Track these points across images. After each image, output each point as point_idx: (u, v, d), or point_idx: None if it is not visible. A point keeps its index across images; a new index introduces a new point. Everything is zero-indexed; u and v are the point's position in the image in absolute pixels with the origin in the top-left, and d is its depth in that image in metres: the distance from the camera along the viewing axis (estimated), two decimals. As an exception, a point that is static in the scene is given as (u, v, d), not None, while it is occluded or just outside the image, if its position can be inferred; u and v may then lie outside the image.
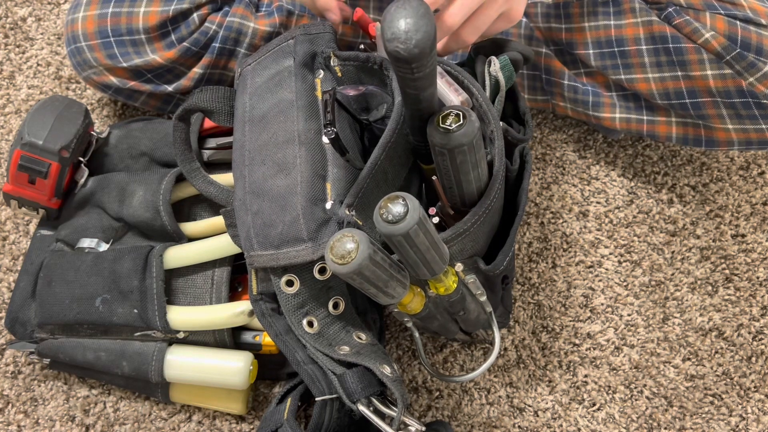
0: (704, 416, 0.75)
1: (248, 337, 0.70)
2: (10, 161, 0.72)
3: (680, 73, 0.71)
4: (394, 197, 0.43)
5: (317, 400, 0.59)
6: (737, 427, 0.75)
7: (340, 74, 0.62)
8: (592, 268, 0.81)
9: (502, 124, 0.59)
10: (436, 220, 0.58)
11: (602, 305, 0.79)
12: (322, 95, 0.61)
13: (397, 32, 0.40)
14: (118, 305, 0.67)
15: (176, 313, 0.67)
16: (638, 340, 0.78)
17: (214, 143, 0.74)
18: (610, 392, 0.76)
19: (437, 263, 0.49)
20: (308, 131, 0.59)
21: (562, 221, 0.83)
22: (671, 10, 0.70)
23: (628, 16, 0.72)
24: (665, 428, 0.74)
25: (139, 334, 0.68)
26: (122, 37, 0.75)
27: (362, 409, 0.55)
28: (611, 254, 0.81)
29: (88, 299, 0.68)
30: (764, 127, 0.71)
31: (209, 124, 0.74)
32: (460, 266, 0.55)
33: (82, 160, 0.75)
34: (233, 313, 0.66)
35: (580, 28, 0.74)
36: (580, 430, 0.74)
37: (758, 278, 0.80)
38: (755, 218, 0.83)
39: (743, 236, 0.82)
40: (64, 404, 0.74)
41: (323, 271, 0.58)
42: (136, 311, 0.67)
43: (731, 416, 0.75)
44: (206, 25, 0.76)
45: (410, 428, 0.55)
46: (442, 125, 0.48)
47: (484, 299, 0.60)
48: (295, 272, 0.58)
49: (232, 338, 0.69)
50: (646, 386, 0.76)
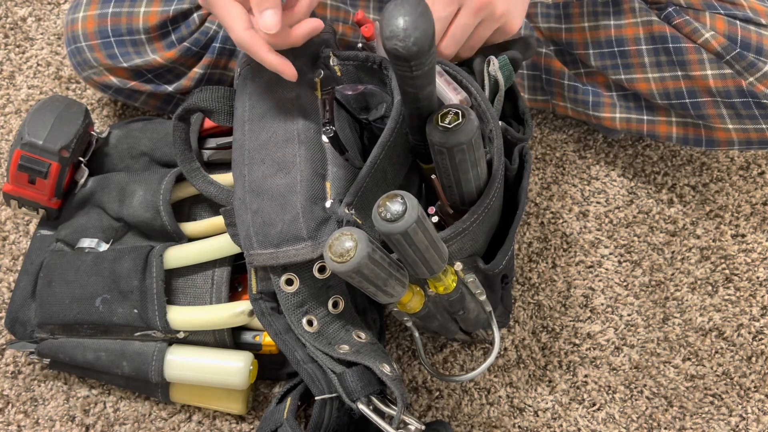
0: (704, 416, 0.75)
1: (248, 337, 0.70)
2: (10, 161, 0.72)
3: (680, 73, 0.71)
4: (392, 196, 0.43)
5: (317, 399, 0.59)
6: (737, 427, 0.74)
7: (339, 73, 0.62)
8: (592, 268, 0.81)
9: (501, 123, 0.59)
10: (435, 219, 0.58)
11: (602, 305, 0.79)
12: (321, 94, 0.61)
13: (395, 30, 0.40)
14: (118, 305, 0.67)
15: (176, 313, 0.67)
16: (638, 340, 0.78)
17: (214, 143, 0.74)
18: (610, 392, 0.76)
19: (436, 262, 0.49)
20: (308, 130, 0.59)
21: (562, 221, 0.83)
22: (671, 10, 0.70)
23: (628, 16, 0.72)
24: (665, 428, 0.74)
25: (139, 334, 0.68)
26: (122, 37, 0.75)
27: (362, 408, 0.55)
28: (611, 254, 0.81)
29: (88, 299, 0.68)
30: (764, 126, 0.71)
31: (209, 124, 0.74)
32: (459, 265, 0.55)
33: (82, 160, 0.75)
34: (233, 313, 0.66)
35: (580, 28, 0.74)
36: (580, 430, 0.74)
37: (758, 278, 0.80)
38: (755, 218, 0.83)
39: (743, 236, 0.82)
40: (64, 404, 0.74)
41: (323, 269, 0.58)
42: (136, 311, 0.67)
43: (731, 416, 0.75)
44: (206, 25, 0.76)
45: (410, 427, 0.55)
46: (441, 124, 0.48)
47: (483, 298, 0.60)
48: (294, 271, 0.58)
49: (232, 338, 0.69)
50: (646, 386, 0.76)
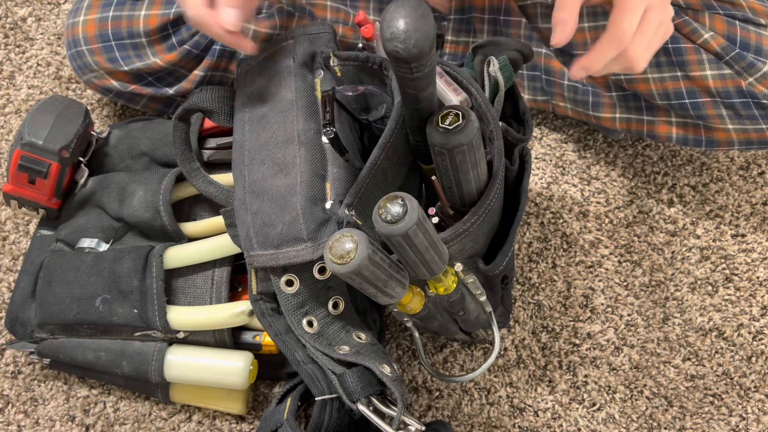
0: (704, 416, 0.75)
1: (248, 337, 0.70)
2: (10, 161, 0.72)
3: (680, 73, 0.71)
4: (393, 197, 0.43)
5: (317, 399, 0.59)
6: (737, 427, 0.74)
7: (339, 74, 0.62)
8: (592, 268, 0.81)
9: (501, 124, 0.59)
10: (435, 220, 0.58)
11: (602, 305, 0.79)
12: (321, 95, 0.61)
13: (396, 32, 0.40)
14: (118, 305, 0.67)
15: (176, 313, 0.67)
16: (638, 340, 0.78)
17: (214, 143, 0.74)
18: (610, 392, 0.76)
19: (436, 263, 0.49)
20: (308, 131, 0.59)
21: (562, 221, 0.83)
22: None
23: None
24: (665, 428, 0.74)
25: (139, 334, 0.68)
26: (123, 40, 0.75)
27: (362, 408, 0.55)
28: (611, 254, 0.81)
29: (88, 299, 0.68)
30: (764, 127, 0.71)
31: (209, 124, 0.74)
32: (459, 266, 0.55)
33: (82, 160, 0.75)
34: (233, 313, 0.66)
35: (579, 28, 0.74)
36: (580, 430, 0.74)
37: (758, 278, 0.80)
38: (755, 218, 0.83)
39: (743, 236, 0.82)
40: (64, 404, 0.74)
41: (323, 270, 0.58)
42: (136, 311, 0.67)
43: (731, 416, 0.75)
44: None
45: (410, 428, 0.55)
46: (441, 125, 0.48)
47: (483, 299, 0.60)
48: (294, 272, 0.58)
49: (232, 338, 0.69)
50: (646, 386, 0.76)
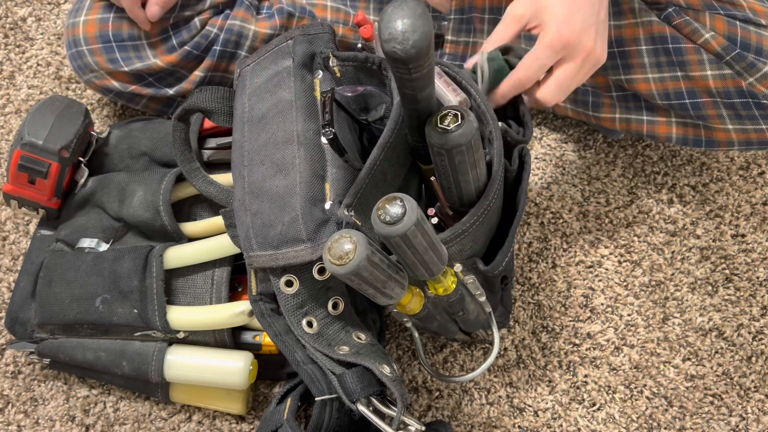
0: (704, 416, 0.75)
1: (248, 337, 0.70)
2: (10, 161, 0.72)
3: (680, 73, 0.71)
4: (392, 198, 0.43)
5: (317, 400, 0.59)
6: (737, 427, 0.74)
7: (338, 74, 0.62)
8: (592, 268, 0.81)
9: (501, 124, 0.59)
10: (435, 220, 0.58)
11: (602, 305, 0.79)
12: (320, 95, 0.61)
13: (394, 33, 0.40)
14: (118, 305, 0.67)
15: (176, 313, 0.67)
16: (638, 340, 0.78)
17: (213, 143, 0.74)
18: (610, 392, 0.76)
19: (435, 264, 0.49)
20: (307, 131, 0.59)
21: (562, 221, 0.83)
22: (671, 10, 0.70)
23: (627, 16, 0.72)
24: (665, 428, 0.74)
25: (139, 334, 0.68)
26: (124, 41, 0.75)
27: (362, 408, 0.55)
28: (611, 254, 0.81)
29: (88, 299, 0.68)
30: (764, 127, 0.71)
31: (209, 124, 0.74)
32: (459, 267, 0.55)
33: (82, 160, 0.75)
34: (233, 313, 0.66)
35: None
36: (580, 430, 0.74)
37: (758, 278, 0.80)
38: (755, 218, 0.83)
39: (743, 236, 0.82)
40: (64, 404, 0.74)
41: (322, 271, 0.58)
42: (136, 311, 0.67)
43: (731, 416, 0.75)
44: (207, 28, 0.76)
45: (410, 428, 0.55)
46: (440, 125, 0.48)
47: (483, 299, 0.60)
48: (294, 272, 0.58)
49: (232, 338, 0.69)
50: (646, 386, 0.76)
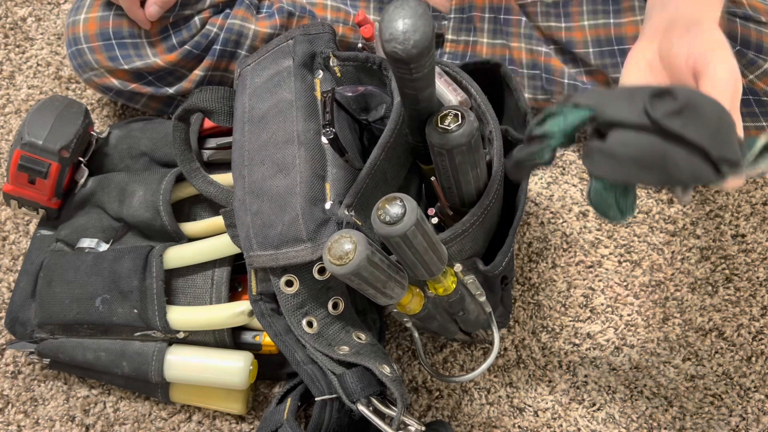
0: (704, 416, 0.75)
1: (248, 337, 0.70)
2: (10, 161, 0.72)
3: None
4: (392, 198, 0.43)
5: (317, 400, 0.59)
6: (737, 427, 0.74)
7: (339, 74, 0.62)
8: (592, 268, 0.81)
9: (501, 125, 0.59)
10: (435, 220, 0.58)
11: (602, 305, 0.79)
12: (321, 95, 0.61)
13: (395, 33, 0.40)
14: (118, 305, 0.67)
15: (176, 313, 0.67)
16: (638, 340, 0.78)
17: (213, 143, 0.74)
18: (610, 392, 0.76)
19: (435, 264, 0.49)
20: (307, 131, 0.59)
21: (562, 221, 0.83)
22: None
23: (627, 14, 0.72)
24: (665, 428, 0.74)
25: (139, 334, 0.68)
26: (124, 39, 0.75)
27: (362, 409, 0.55)
28: (611, 254, 0.81)
29: (88, 299, 0.68)
30: (765, 124, 0.70)
31: (209, 124, 0.74)
32: (459, 267, 0.55)
33: (82, 160, 0.75)
34: (233, 313, 0.66)
35: (579, 26, 0.74)
36: (580, 430, 0.74)
37: (758, 278, 0.80)
38: (755, 218, 0.83)
39: (743, 236, 0.82)
40: (64, 404, 0.74)
41: (323, 271, 0.58)
42: (136, 311, 0.67)
43: (731, 416, 0.75)
44: (207, 27, 0.76)
45: (410, 428, 0.55)
46: (440, 125, 0.48)
47: (483, 299, 0.60)
48: (294, 272, 0.58)
49: (232, 338, 0.69)
50: (646, 386, 0.76)
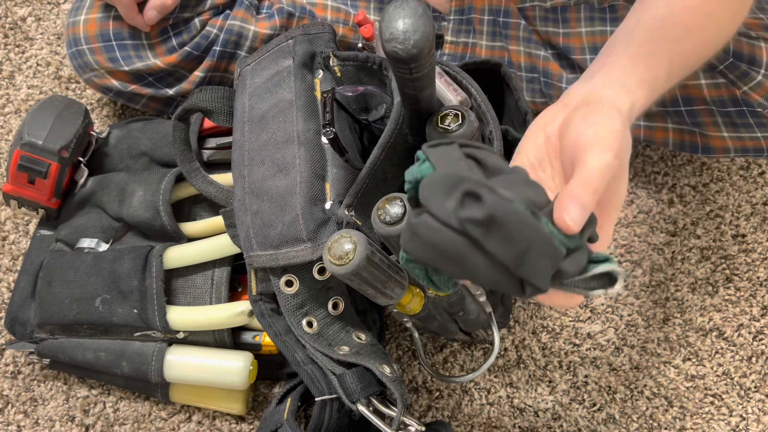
0: (704, 416, 0.75)
1: (248, 337, 0.70)
2: (9, 161, 0.72)
3: None
4: (392, 198, 0.43)
5: (317, 400, 0.59)
6: (737, 427, 0.74)
7: (339, 74, 0.62)
8: (592, 268, 0.81)
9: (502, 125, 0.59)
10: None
11: (602, 305, 0.79)
12: (321, 95, 0.61)
13: (395, 32, 0.40)
14: (117, 305, 0.67)
15: (176, 313, 0.67)
16: (638, 340, 0.78)
17: (213, 143, 0.74)
18: (610, 392, 0.76)
19: (436, 264, 0.49)
20: (307, 131, 0.59)
21: (562, 221, 0.83)
22: None
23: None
24: (665, 428, 0.74)
25: (138, 334, 0.68)
26: (124, 41, 0.75)
27: (362, 409, 0.55)
28: (611, 254, 0.81)
29: (87, 299, 0.68)
30: (759, 135, 0.70)
31: (209, 124, 0.74)
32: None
33: (81, 160, 0.75)
34: (233, 313, 0.66)
35: (576, 33, 0.74)
36: (580, 430, 0.74)
37: (758, 278, 0.80)
38: (755, 218, 0.83)
39: (743, 236, 0.82)
40: (63, 404, 0.74)
41: (323, 271, 0.58)
42: (135, 311, 0.67)
43: (731, 416, 0.75)
44: (207, 29, 0.76)
45: (410, 428, 0.55)
46: (440, 125, 0.48)
47: (483, 299, 0.60)
48: (294, 272, 0.58)
49: (232, 338, 0.69)
50: (646, 386, 0.76)
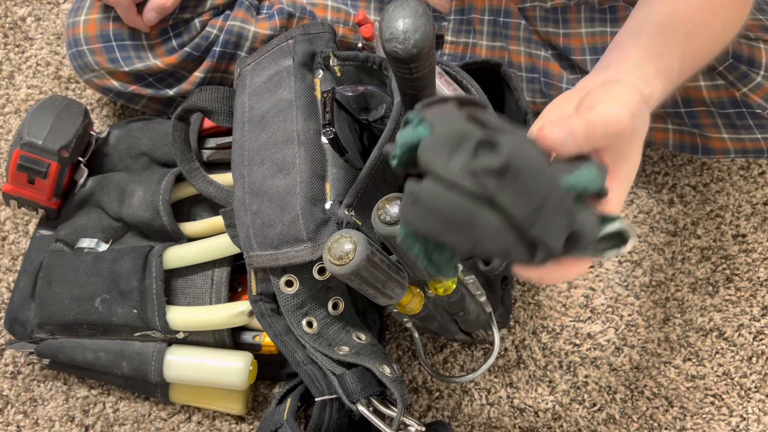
0: (705, 416, 0.75)
1: (248, 337, 0.70)
2: (9, 161, 0.71)
3: None
4: (392, 198, 0.43)
5: (317, 400, 0.59)
6: (738, 427, 0.74)
7: (339, 74, 0.62)
8: (592, 268, 0.81)
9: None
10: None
11: (603, 305, 0.79)
12: (321, 95, 0.61)
13: (395, 32, 0.39)
14: (117, 305, 0.67)
15: (176, 313, 0.67)
16: (639, 340, 0.78)
17: (213, 143, 0.74)
18: (610, 393, 0.76)
19: (436, 264, 0.49)
20: (307, 131, 0.59)
21: (562, 221, 0.83)
22: None
23: (623, 23, 0.71)
24: (666, 429, 0.74)
25: (138, 334, 0.68)
26: (124, 41, 0.75)
27: (362, 409, 0.55)
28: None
29: (87, 299, 0.68)
30: (759, 136, 0.70)
31: (209, 123, 0.74)
32: (459, 267, 0.55)
33: (81, 160, 0.75)
34: (233, 313, 0.66)
35: (577, 33, 0.74)
36: (580, 430, 0.74)
37: (759, 278, 0.80)
38: (756, 218, 0.83)
39: (744, 236, 0.82)
40: (63, 404, 0.74)
41: (323, 271, 0.58)
42: (135, 311, 0.66)
43: (732, 416, 0.75)
44: (207, 29, 0.76)
45: (410, 428, 0.55)
46: (441, 125, 0.47)
47: (483, 299, 0.60)
48: (294, 272, 0.58)
49: (231, 338, 0.69)
50: (646, 387, 0.76)
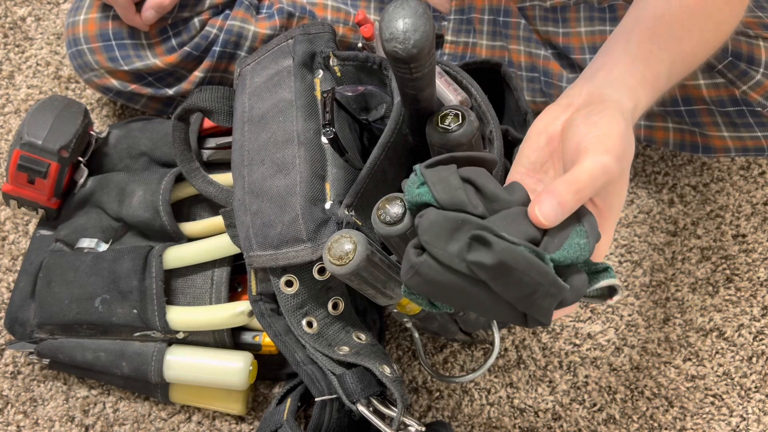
0: (705, 416, 0.75)
1: (248, 337, 0.70)
2: (9, 161, 0.71)
3: None
4: (392, 198, 0.43)
5: (317, 400, 0.59)
6: (738, 427, 0.74)
7: (339, 74, 0.62)
8: (592, 268, 0.81)
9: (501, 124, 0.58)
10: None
11: (602, 305, 0.79)
12: (321, 95, 0.61)
13: (395, 32, 0.39)
14: (117, 305, 0.67)
15: (176, 313, 0.67)
16: (639, 340, 0.78)
17: (213, 143, 0.74)
18: (610, 393, 0.76)
19: (436, 264, 0.49)
20: (307, 131, 0.59)
21: (562, 221, 0.83)
22: None
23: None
24: (666, 429, 0.74)
25: (138, 334, 0.68)
26: (124, 40, 0.75)
27: (362, 409, 0.55)
28: (611, 254, 0.81)
29: (87, 299, 0.68)
30: (760, 134, 0.70)
31: (209, 123, 0.74)
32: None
33: (81, 159, 0.75)
34: (233, 313, 0.66)
35: (576, 33, 0.74)
36: (580, 430, 0.74)
37: (759, 278, 0.80)
38: (756, 218, 0.83)
39: (744, 236, 0.82)
40: (63, 404, 0.74)
41: (322, 271, 0.58)
42: (135, 311, 0.66)
43: (732, 417, 0.75)
44: (207, 29, 0.76)
45: (410, 428, 0.55)
46: (441, 125, 0.48)
47: (483, 300, 0.60)
48: (294, 272, 0.58)
49: (231, 338, 0.69)
50: (646, 387, 0.76)
